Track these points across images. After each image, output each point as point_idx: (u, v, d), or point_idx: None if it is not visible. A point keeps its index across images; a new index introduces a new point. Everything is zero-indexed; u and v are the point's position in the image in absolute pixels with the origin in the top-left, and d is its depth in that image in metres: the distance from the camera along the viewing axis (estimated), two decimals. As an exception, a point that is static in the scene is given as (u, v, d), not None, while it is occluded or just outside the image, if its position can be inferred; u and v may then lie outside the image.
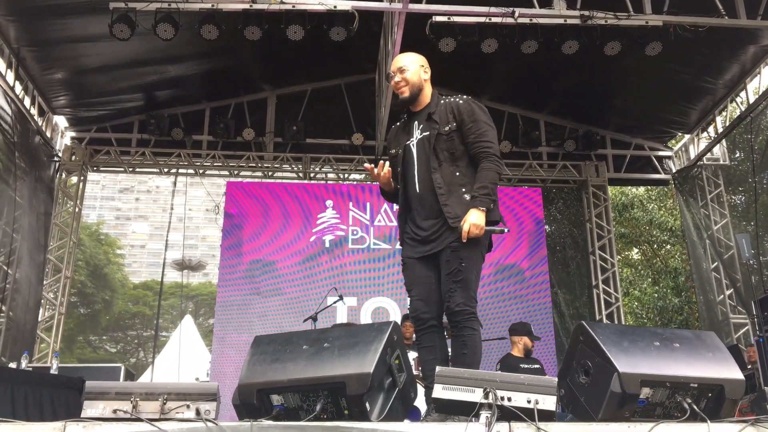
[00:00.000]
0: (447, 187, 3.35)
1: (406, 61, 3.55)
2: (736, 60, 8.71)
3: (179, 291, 28.90)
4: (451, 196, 3.33)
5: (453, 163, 3.39)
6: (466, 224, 3.19)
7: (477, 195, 3.27)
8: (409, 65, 3.53)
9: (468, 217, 3.21)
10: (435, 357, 3.31)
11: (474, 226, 3.19)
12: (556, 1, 7.16)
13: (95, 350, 30.64)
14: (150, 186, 65.04)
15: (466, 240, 3.19)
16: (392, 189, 3.61)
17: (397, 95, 3.58)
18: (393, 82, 3.56)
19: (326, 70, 10.14)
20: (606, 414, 2.61)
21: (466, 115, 3.43)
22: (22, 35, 7.95)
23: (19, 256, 8.42)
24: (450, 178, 3.37)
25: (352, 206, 10.03)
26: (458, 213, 3.28)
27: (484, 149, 3.38)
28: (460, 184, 3.36)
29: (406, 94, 3.53)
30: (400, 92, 3.54)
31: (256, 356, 2.79)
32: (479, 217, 3.21)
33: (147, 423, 2.31)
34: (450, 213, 3.29)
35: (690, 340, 2.86)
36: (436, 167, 3.38)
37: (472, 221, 3.19)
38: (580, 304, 10.68)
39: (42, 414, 4.71)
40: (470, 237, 3.19)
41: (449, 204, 3.32)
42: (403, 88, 3.52)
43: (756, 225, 8.96)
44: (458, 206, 3.31)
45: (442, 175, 3.36)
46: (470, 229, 3.18)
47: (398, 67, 3.54)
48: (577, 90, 9.94)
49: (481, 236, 3.22)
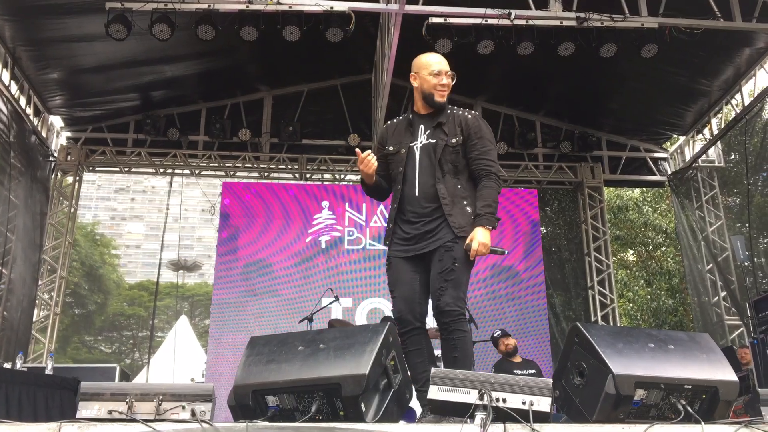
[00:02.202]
0: (451, 198, 3.37)
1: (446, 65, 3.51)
2: (731, 62, 8.75)
3: (175, 291, 28.81)
4: (454, 207, 3.36)
5: (455, 176, 3.42)
6: (475, 242, 3.24)
7: (482, 213, 3.31)
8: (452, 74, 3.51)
9: (476, 236, 3.26)
10: (423, 360, 3.31)
11: (482, 245, 3.25)
12: (552, 3, 7.17)
13: (90, 350, 30.54)
14: (145, 186, 64.89)
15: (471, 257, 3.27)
16: (372, 183, 3.56)
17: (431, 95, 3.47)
18: (439, 82, 3.46)
19: (323, 71, 10.15)
20: (600, 415, 2.61)
21: (473, 130, 3.45)
22: (17, 35, 7.93)
23: (14, 256, 8.40)
24: (453, 189, 3.39)
25: (348, 207, 10.04)
26: (462, 224, 3.32)
27: (486, 167, 3.41)
28: (462, 196, 3.40)
29: (445, 100, 3.50)
30: (442, 95, 3.47)
31: (251, 357, 2.79)
32: (486, 236, 3.27)
33: (142, 424, 2.30)
34: (455, 224, 3.32)
35: (684, 342, 2.86)
36: (440, 178, 3.39)
37: (480, 240, 3.25)
38: (575, 306, 10.69)
39: (36, 414, 4.70)
40: (477, 255, 3.26)
41: (453, 215, 3.34)
42: (446, 93, 3.49)
43: (750, 227, 8.99)
44: (461, 217, 3.35)
45: (446, 187, 3.38)
46: (478, 248, 3.24)
47: (448, 71, 3.49)
48: (573, 92, 9.96)
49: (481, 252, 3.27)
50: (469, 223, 3.34)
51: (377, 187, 3.62)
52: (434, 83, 3.47)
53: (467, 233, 3.32)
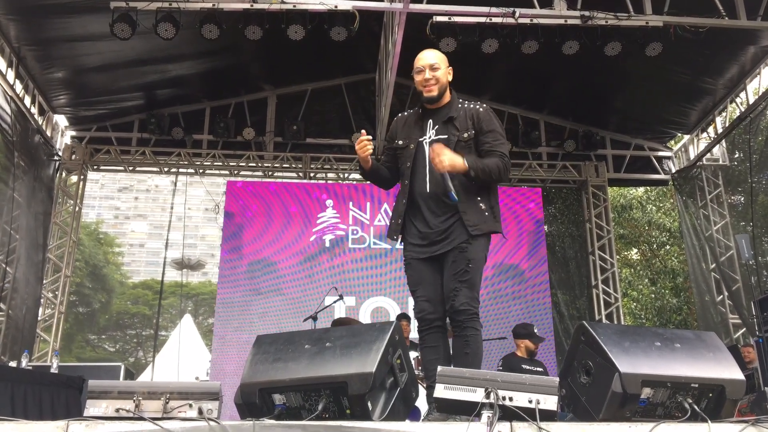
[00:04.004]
0: (465, 195, 3.33)
1: (438, 59, 3.46)
2: (735, 61, 8.72)
3: (179, 290, 28.83)
4: (468, 203, 3.33)
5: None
6: (446, 157, 3.20)
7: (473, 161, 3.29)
8: (440, 63, 3.45)
9: (453, 155, 3.24)
10: (438, 357, 3.32)
11: (450, 163, 3.21)
12: (557, 2, 7.17)
13: (94, 349, 30.60)
14: (149, 185, 64.99)
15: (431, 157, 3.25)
16: (369, 168, 3.53)
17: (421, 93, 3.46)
18: (422, 78, 3.43)
19: (327, 69, 10.14)
20: (607, 414, 2.61)
21: (485, 123, 3.42)
22: (22, 34, 7.95)
23: (18, 256, 8.42)
24: (467, 185, 3.34)
25: (352, 206, 10.04)
26: (476, 222, 3.30)
27: (498, 156, 3.38)
28: (475, 192, 3.37)
29: (434, 93, 3.44)
30: (428, 90, 3.43)
31: (258, 355, 2.80)
32: (457, 162, 3.23)
33: (150, 422, 2.31)
34: (469, 221, 3.30)
35: (691, 341, 2.86)
36: (453, 174, 3.31)
37: (451, 158, 3.22)
38: (579, 304, 10.68)
39: (41, 412, 4.72)
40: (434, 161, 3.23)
41: (467, 212, 3.32)
42: (433, 87, 3.43)
43: (753, 225, 8.97)
44: (475, 215, 3.32)
45: (460, 182, 3.32)
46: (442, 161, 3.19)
47: (430, 63, 3.43)
48: (577, 90, 9.94)
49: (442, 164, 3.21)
50: (483, 220, 3.32)
51: (375, 173, 3.59)
52: (418, 80, 3.47)
53: (481, 231, 3.30)
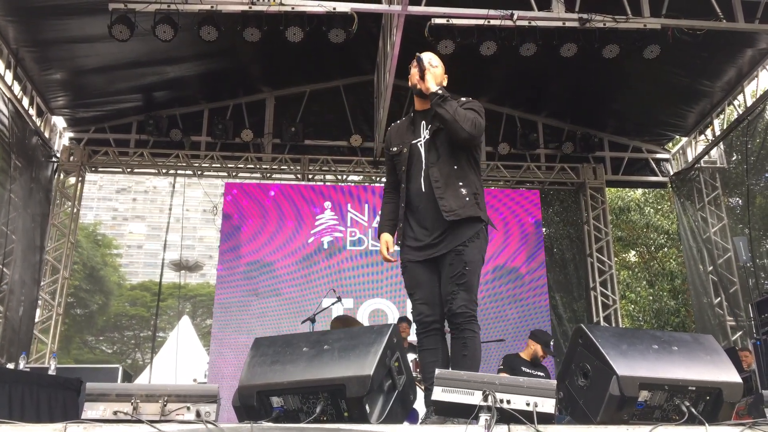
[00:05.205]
0: (444, 180, 3.34)
1: (437, 60, 3.57)
2: (733, 63, 8.75)
3: (177, 292, 28.80)
4: (447, 189, 3.33)
5: (452, 157, 3.38)
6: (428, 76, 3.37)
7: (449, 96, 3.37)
8: (438, 64, 3.55)
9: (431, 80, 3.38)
10: (436, 360, 3.32)
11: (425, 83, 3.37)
12: (555, 4, 7.18)
13: (92, 351, 30.55)
14: (147, 186, 64.95)
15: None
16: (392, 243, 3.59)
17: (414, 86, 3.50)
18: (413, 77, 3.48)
19: (325, 71, 10.16)
20: (604, 417, 2.62)
21: (466, 105, 3.42)
22: (21, 35, 7.94)
23: (14, 257, 8.41)
24: (448, 171, 3.36)
25: (350, 208, 10.04)
26: (453, 207, 3.28)
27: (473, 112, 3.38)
28: (458, 177, 3.36)
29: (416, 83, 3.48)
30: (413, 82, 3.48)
31: (256, 358, 2.79)
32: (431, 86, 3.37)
33: (147, 425, 2.31)
34: (445, 206, 3.29)
35: (688, 343, 2.86)
36: (434, 161, 3.37)
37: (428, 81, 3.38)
38: (577, 307, 10.69)
39: (39, 414, 4.71)
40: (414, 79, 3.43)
41: (445, 197, 3.31)
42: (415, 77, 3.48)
43: (751, 228, 8.99)
44: (454, 200, 3.31)
45: (440, 169, 3.36)
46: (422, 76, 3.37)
47: (429, 59, 3.53)
48: (575, 92, 9.96)
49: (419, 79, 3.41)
50: (462, 206, 3.29)
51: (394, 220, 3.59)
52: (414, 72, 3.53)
53: (459, 216, 3.28)
